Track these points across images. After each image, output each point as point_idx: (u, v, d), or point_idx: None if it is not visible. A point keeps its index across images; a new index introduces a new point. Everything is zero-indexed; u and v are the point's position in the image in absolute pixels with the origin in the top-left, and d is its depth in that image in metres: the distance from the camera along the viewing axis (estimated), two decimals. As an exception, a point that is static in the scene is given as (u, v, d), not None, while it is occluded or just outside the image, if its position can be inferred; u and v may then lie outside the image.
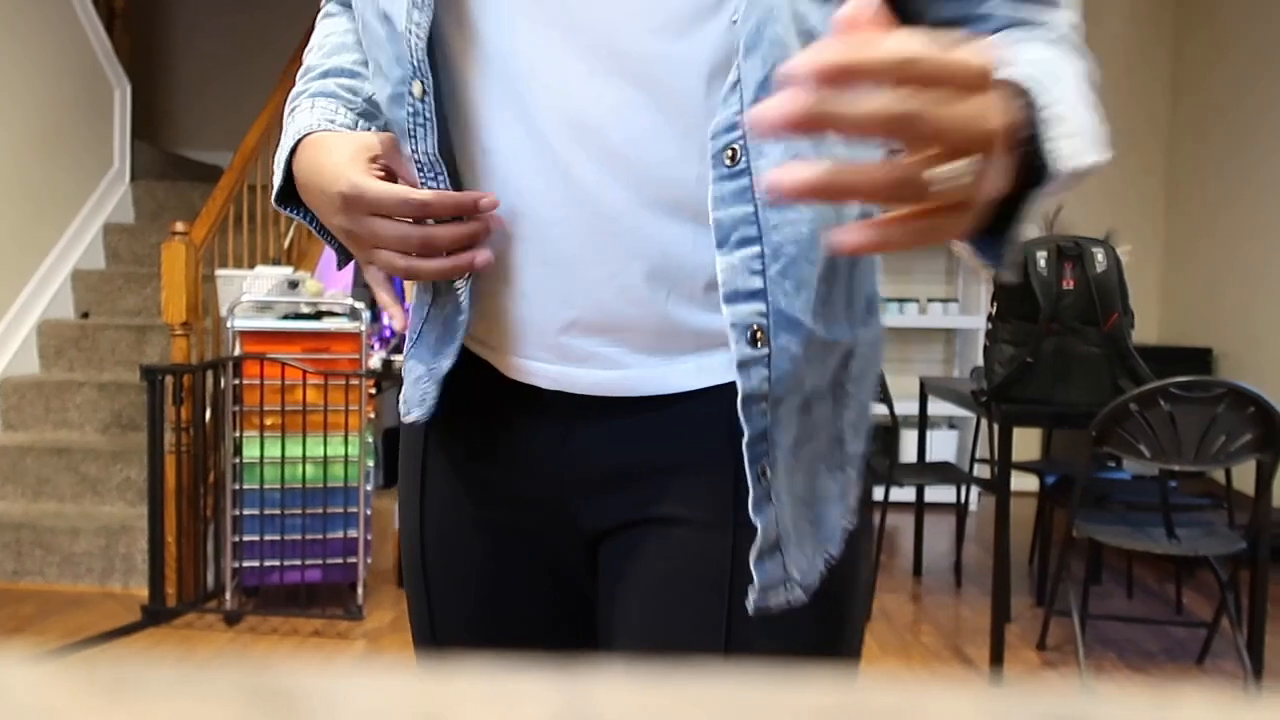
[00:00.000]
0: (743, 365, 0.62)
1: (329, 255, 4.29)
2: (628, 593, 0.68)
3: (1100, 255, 2.43)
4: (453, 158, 0.64)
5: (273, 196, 0.75)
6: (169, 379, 2.92)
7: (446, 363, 0.69)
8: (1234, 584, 2.63)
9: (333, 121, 0.71)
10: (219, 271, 3.11)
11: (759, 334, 0.61)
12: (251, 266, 3.55)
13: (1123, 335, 2.43)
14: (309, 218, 0.73)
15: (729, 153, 0.59)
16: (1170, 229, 5.06)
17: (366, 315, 3.05)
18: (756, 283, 0.61)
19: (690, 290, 0.63)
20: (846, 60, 0.39)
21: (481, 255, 0.62)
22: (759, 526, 0.62)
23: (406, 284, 0.88)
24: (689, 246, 0.62)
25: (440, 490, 0.76)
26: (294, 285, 3.07)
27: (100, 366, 3.82)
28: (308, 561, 2.95)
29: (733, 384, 0.62)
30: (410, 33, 0.60)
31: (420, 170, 0.64)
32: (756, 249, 0.61)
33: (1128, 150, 5.12)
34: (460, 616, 0.79)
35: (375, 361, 3.33)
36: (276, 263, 3.72)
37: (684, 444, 0.66)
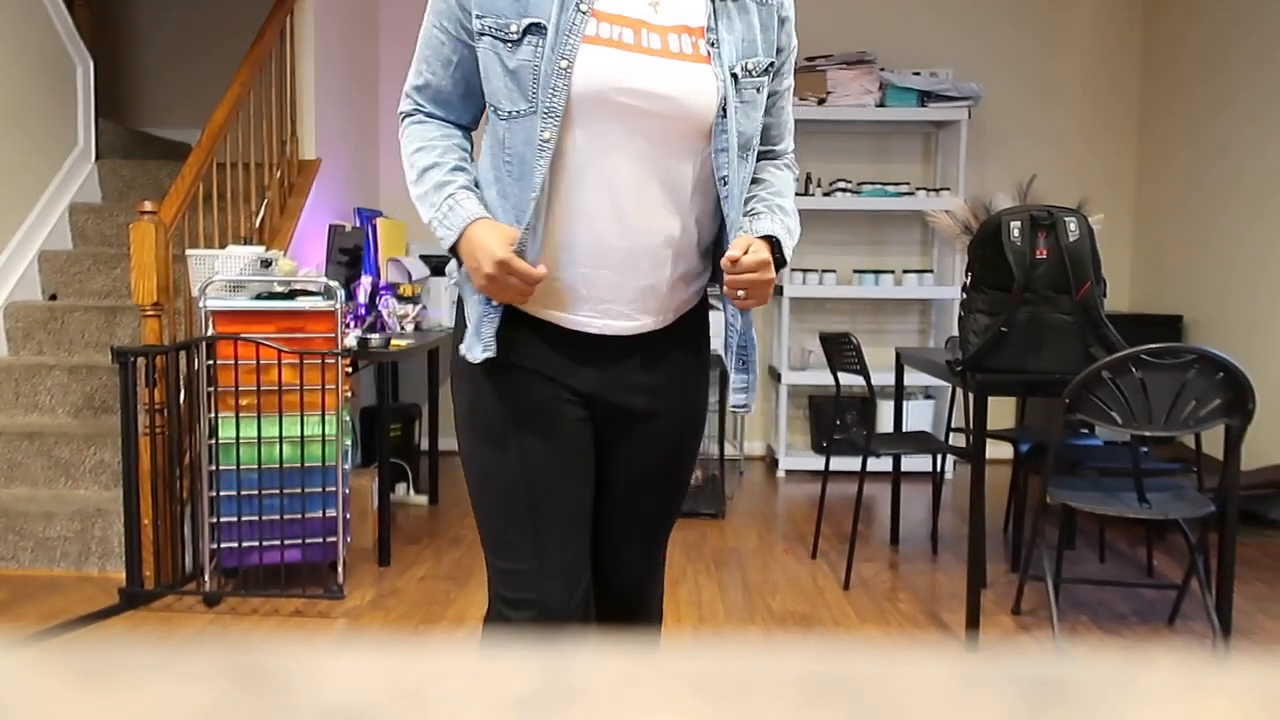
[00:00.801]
0: (734, 324, 1.43)
1: (301, 233, 4.26)
2: (641, 437, 1.43)
3: (1073, 224, 2.45)
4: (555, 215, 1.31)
5: (445, 246, 1.31)
6: (141, 360, 2.88)
7: (496, 322, 1.34)
8: (1203, 546, 2.68)
9: (482, 206, 1.32)
10: (190, 251, 3.07)
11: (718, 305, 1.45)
12: (222, 246, 3.50)
13: (1095, 304, 2.45)
14: (454, 256, 1.34)
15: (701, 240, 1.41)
16: (1141, 198, 5.10)
17: (341, 293, 3.02)
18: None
19: (669, 296, 1.37)
20: (739, 259, 1.27)
21: (529, 293, 1.30)
22: (745, 378, 1.45)
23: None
24: (668, 274, 1.36)
25: (504, 382, 1.36)
26: (266, 264, 3.04)
27: (70, 349, 3.78)
28: (287, 541, 2.94)
29: (684, 319, 1.42)
30: (541, 150, 1.27)
31: (533, 237, 1.30)
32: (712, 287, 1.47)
33: (1098, 121, 5.14)
34: (542, 453, 1.36)
35: (351, 340, 3.31)
36: (248, 241, 3.68)
37: (670, 349, 1.41)
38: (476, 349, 1.33)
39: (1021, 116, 5.13)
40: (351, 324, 3.70)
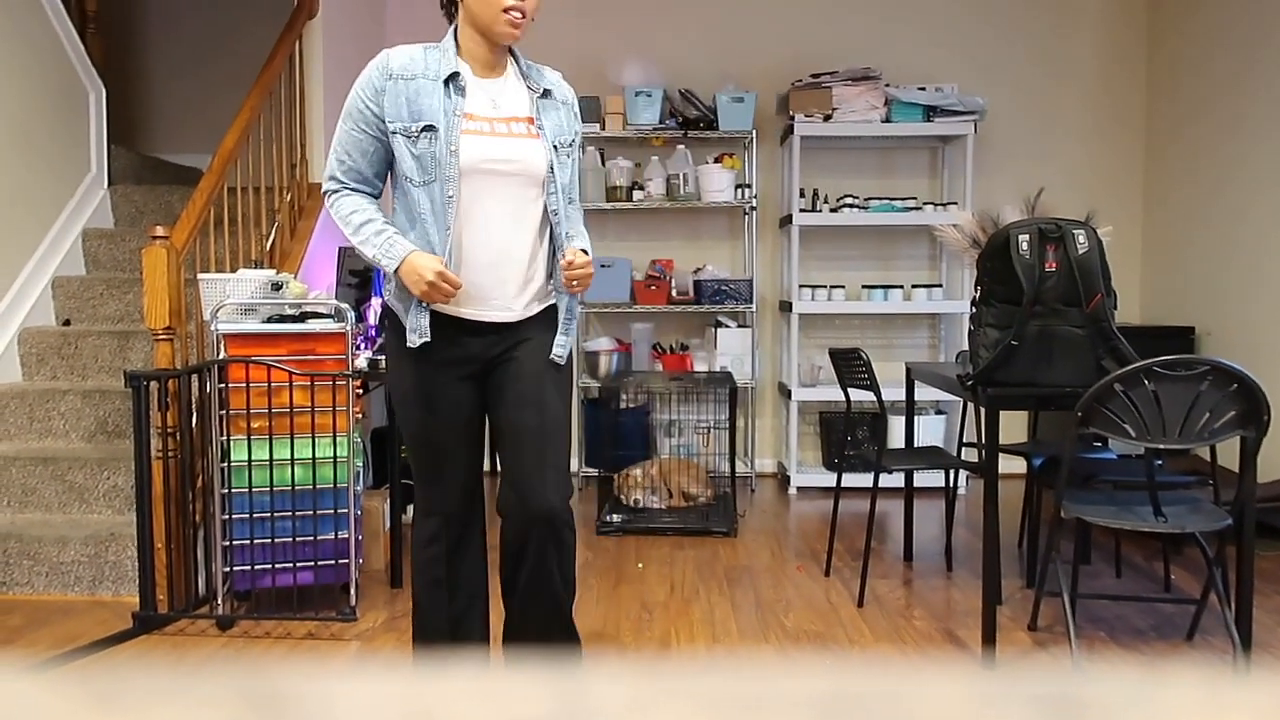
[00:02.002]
0: (562, 306, 2.13)
1: (311, 256, 4.28)
2: (513, 375, 2.05)
3: (1081, 237, 2.44)
4: (460, 243, 1.99)
5: (387, 272, 1.97)
6: (154, 384, 2.90)
7: (426, 318, 1.99)
8: (1221, 560, 2.65)
9: (413, 245, 1.97)
10: (201, 275, 3.09)
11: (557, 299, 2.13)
12: (233, 269, 3.53)
13: (1105, 316, 2.44)
14: (391, 278, 2.01)
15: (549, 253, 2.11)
16: (1149, 209, 5.09)
17: (351, 315, 3.03)
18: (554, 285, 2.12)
19: (528, 292, 2.05)
20: (574, 262, 1.97)
21: (453, 294, 1.94)
22: (564, 340, 2.10)
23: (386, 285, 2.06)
24: (528, 278, 2.04)
25: (425, 367, 2.03)
26: (277, 287, 3.06)
27: (83, 374, 3.80)
28: (299, 564, 2.94)
29: (546, 309, 2.10)
30: (448, 204, 1.96)
31: (448, 259, 1.97)
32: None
33: (1105, 133, 5.14)
34: (440, 420, 2.05)
35: (362, 361, 3.32)
36: (259, 265, 3.70)
37: (529, 328, 2.06)
38: (414, 337, 2.00)
39: (1028, 129, 5.13)
40: (362, 346, 3.71)
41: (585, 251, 2.03)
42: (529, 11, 1.95)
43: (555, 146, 2.00)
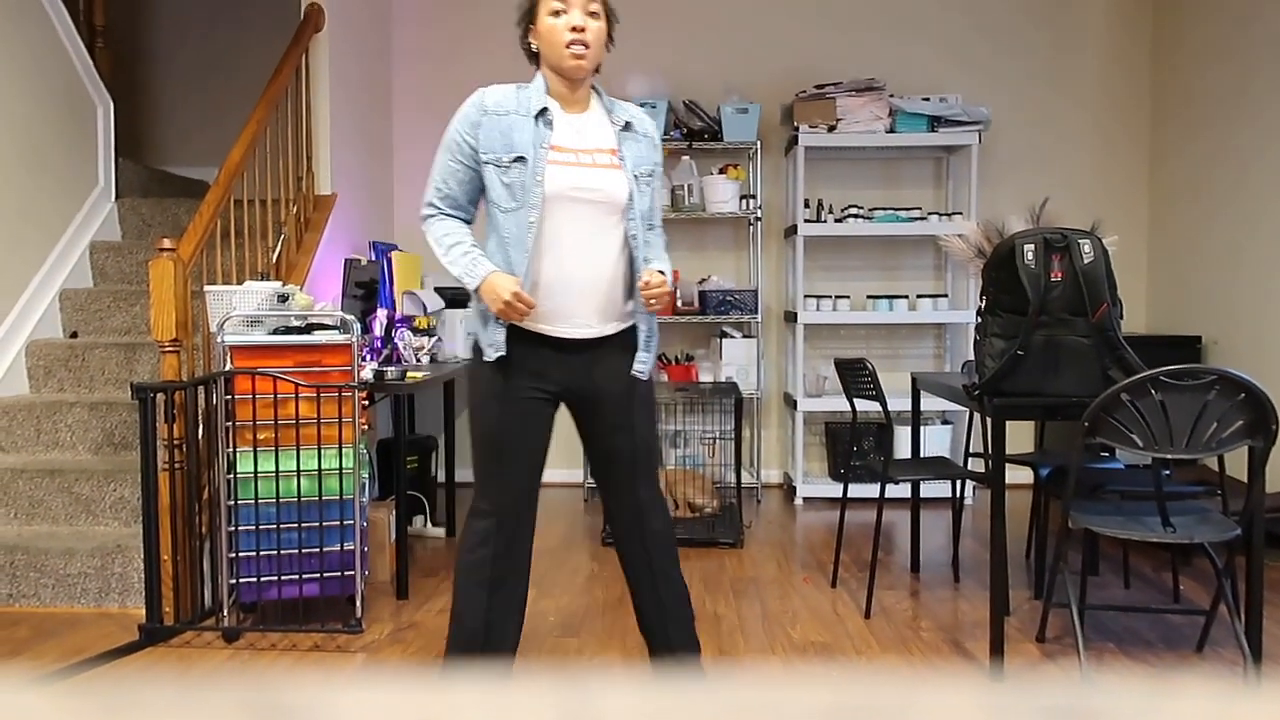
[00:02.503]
0: (642, 326, 2.25)
1: (317, 267, 4.31)
2: (601, 402, 2.22)
3: (1087, 246, 2.44)
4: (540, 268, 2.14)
5: (471, 289, 2.13)
6: (160, 396, 2.90)
7: (502, 334, 2.14)
8: (1230, 570, 2.64)
9: (492, 264, 2.13)
10: (208, 287, 3.10)
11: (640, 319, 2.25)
12: (240, 281, 3.54)
13: (1112, 325, 2.44)
14: (476, 295, 2.16)
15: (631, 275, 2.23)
16: (1155, 218, 5.08)
17: (357, 327, 3.04)
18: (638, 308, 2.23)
19: (607, 312, 2.17)
20: (650, 283, 2.10)
21: (527, 313, 2.08)
22: (645, 355, 2.23)
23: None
24: (605, 299, 2.16)
25: (502, 374, 2.15)
26: (283, 299, 3.06)
27: (90, 386, 3.81)
28: (304, 576, 2.94)
29: (627, 329, 2.22)
30: (530, 229, 2.10)
31: (527, 280, 2.11)
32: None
33: (1110, 142, 5.14)
34: (507, 421, 2.16)
35: (367, 373, 3.32)
36: (265, 277, 3.71)
37: (609, 350, 2.20)
38: (491, 351, 2.15)
39: (1032, 139, 5.14)
40: (367, 357, 3.72)
41: (663, 273, 2.15)
42: (591, 42, 2.10)
43: (635, 176, 2.15)
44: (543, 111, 2.12)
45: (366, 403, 3.24)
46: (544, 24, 2.12)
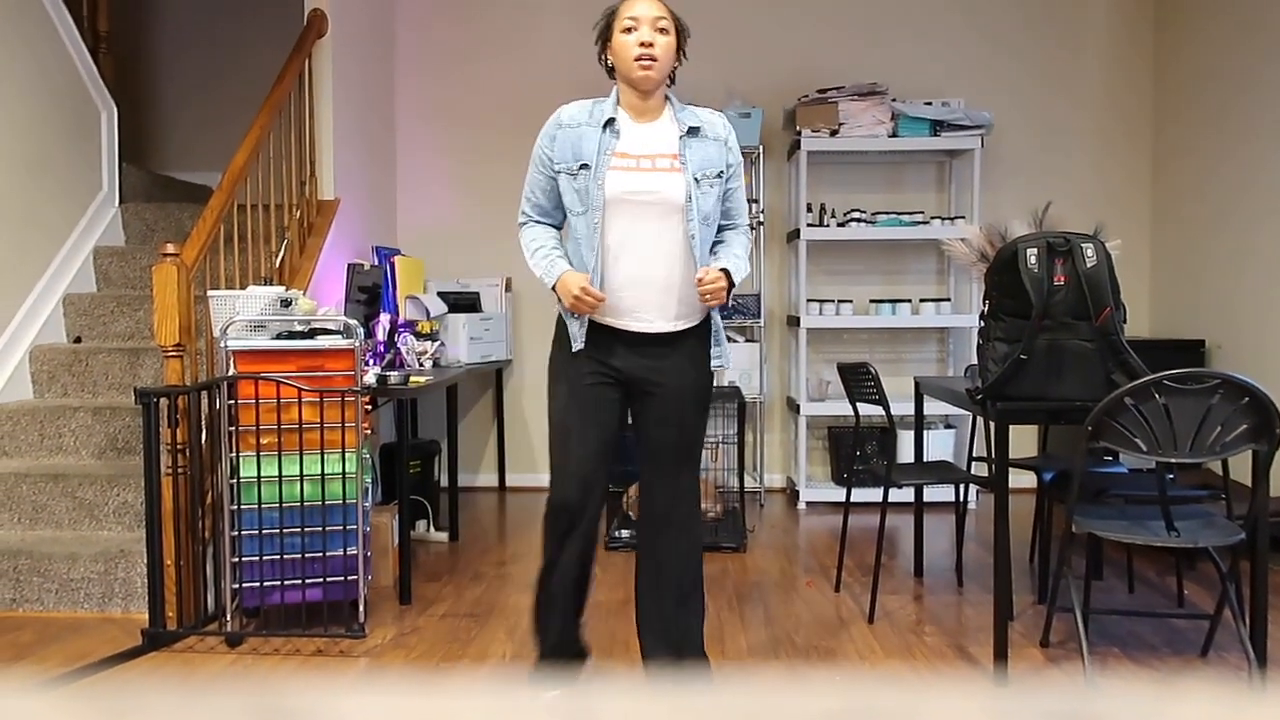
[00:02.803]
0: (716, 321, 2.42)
1: (320, 272, 4.30)
2: (658, 394, 2.35)
3: (1090, 250, 2.44)
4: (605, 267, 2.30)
5: (549, 287, 2.32)
6: (164, 401, 2.91)
7: (582, 327, 2.32)
8: (1234, 574, 2.63)
9: (570, 265, 2.32)
10: (211, 292, 3.11)
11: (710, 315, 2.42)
12: (243, 286, 3.54)
13: (1115, 329, 2.43)
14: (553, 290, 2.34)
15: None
16: (1157, 222, 5.08)
17: (360, 331, 3.04)
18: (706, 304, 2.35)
19: (673, 308, 2.31)
20: (703, 279, 2.25)
21: (596, 307, 2.27)
22: (719, 349, 2.41)
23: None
24: (671, 295, 2.30)
25: (578, 363, 2.32)
26: (286, 304, 3.07)
27: (94, 391, 3.81)
28: (308, 580, 2.94)
29: (694, 327, 2.36)
30: (596, 230, 2.27)
31: (596, 277, 2.28)
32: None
33: (1113, 146, 5.14)
34: (576, 404, 2.31)
35: (370, 378, 3.32)
36: (268, 282, 3.72)
37: (678, 346, 2.35)
38: (575, 344, 2.31)
39: (1035, 143, 5.13)
40: (371, 361, 3.72)
41: (725, 271, 2.27)
42: (660, 55, 2.26)
43: (698, 179, 2.27)
44: (610, 121, 2.29)
45: (369, 407, 3.24)
46: (617, 40, 2.28)
